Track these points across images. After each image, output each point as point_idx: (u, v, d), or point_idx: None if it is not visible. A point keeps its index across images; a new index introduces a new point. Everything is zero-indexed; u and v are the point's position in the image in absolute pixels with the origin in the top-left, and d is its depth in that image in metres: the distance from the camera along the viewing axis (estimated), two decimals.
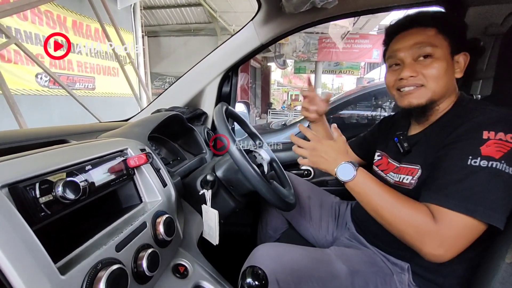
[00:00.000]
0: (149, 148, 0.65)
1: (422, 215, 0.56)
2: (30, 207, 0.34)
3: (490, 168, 0.52)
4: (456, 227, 0.53)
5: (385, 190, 0.62)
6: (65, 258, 0.36)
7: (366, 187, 0.63)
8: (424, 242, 0.55)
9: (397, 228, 0.59)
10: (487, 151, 0.53)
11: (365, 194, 0.64)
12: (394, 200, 0.60)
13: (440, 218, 0.54)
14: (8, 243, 0.30)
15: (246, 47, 1.15)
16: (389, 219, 0.60)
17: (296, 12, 0.94)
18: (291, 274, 0.65)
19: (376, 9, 1.03)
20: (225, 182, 0.82)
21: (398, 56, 0.69)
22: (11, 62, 3.42)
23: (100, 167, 0.47)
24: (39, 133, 0.66)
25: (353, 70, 11.21)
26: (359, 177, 0.64)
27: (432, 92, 0.65)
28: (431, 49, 0.64)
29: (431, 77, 0.64)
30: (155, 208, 0.54)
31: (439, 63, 0.64)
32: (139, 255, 0.44)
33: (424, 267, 0.68)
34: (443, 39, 0.65)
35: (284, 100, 19.98)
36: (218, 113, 0.75)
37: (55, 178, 0.38)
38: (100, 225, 0.45)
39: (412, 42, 0.66)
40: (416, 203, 0.59)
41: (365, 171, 0.65)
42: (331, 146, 0.69)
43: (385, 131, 0.90)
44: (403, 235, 0.58)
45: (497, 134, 0.54)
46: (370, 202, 0.63)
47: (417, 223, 0.56)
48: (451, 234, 0.53)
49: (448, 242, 0.53)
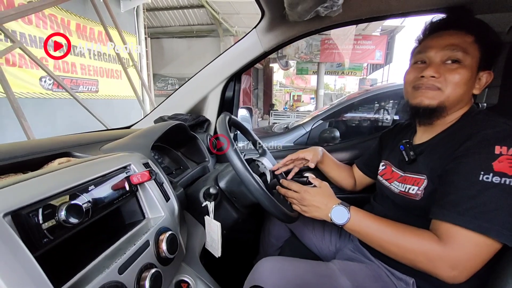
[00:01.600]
0: (152, 162, 0.64)
1: (427, 241, 0.56)
2: (33, 234, 0.33)
3: (504, 185, 0.51)
4: (468, 246, 0.52)
5: (384, 223, 0.63)
6: (67, 283, 0.35)
7: (363, 224, 0.64)
8: (436, 266, 0.55)
9: (407, 258, 0.59)
10: (499, 167, 0.52)
11: (365, 232, 0.64)
12: (395, 231, 0.61)
13: (451, 236, 0.54)
14: (9, 271, 0.30)
15: (249, 55, 1.15)
16: (395, 251, 0.60)
17: (300, 20, 0.94)
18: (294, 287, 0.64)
19: (380, 17, 1.02)
20: (228, 193, 0.82)
21: (427, 54, 0.67)
22: (15, 65, 3.45)
23: (103, 185, 0.47)
24: (43, 146, 0.65)
25: (356, 71, 11.16)
26: (354, 216, 0.65)
27: (446, 97, 0.64)
28: (462, 55, 0.62)
29: (451, 82, 0.63)
30: (158, 224, 0.54)
31: (464, 71, 0.63)
32: (142, 275, 0.44)
33: (429, 282, 0.66)
34: (477, 50, 0.63)
35: (287, 101, 19.97)
36: (221, 125, 0.74)
37: (58, 202, 0.37)
38: (103, 244, 0.45)
39: (446, 43, 0.65)
40: (418, 229, 0.59)
41: (358, 209, 0.67)
42: (319, 193, 0.72)
43: (388, 143, 0.89)
44: (414, 263, 0.58)
45: (510, 149, 0.52)
46: (372, 238, 0.64)
47: (424, 249, 0.56)
48: (462, 254, 0.53)
49: (461, 263, 0.53)
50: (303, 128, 2.51)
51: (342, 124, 2.77)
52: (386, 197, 0.78)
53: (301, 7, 0.81)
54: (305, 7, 0.81)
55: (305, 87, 21.14)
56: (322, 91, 10.56)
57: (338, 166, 1.04)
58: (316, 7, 0.81)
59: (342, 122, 2.78)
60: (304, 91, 21.38)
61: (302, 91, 21.44)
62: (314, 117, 2.59)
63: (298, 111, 12.67)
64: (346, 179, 1.03)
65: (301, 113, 10.30)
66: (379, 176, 0.85)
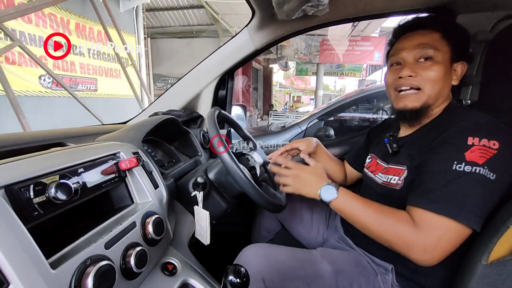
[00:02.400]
0: (142, 151, 0.68)
1: (404, 225, 0.59)
2: (24, 207, 0.37)
3: (474, 174, 0.54)
4: (439, 231, 0.55)
5: (368, 205, 0.66)
6: (56, 254, 0.39)
7: (348, 204, 0.67)
8: (410, 250, 0.58)
9: (384, 239, 0.62)
10: (471, 157, 0.55)
11: (349, 211, 0.67)
12: (377, 213, 0.64)
13: (424, 222, 0.57)
14: (4, 239, 0.33)
15: (241, 52, 1.18)
16: (375, 231, 0.63)
17: (288, 19, 0.97)
18: (277, 273, 0.67)
19: (366, 16, 1.06)
20: (216, 184, 0.85)
21: (400, 55, 0.71)
22: (15, 64, 3.49)
23: (93, 170, 0.50)
24: (38, 136, 0.69)
25: (355, 72, 11.21)
26: (341, 196, 0.68)
27: (427, 96, 0.68)
28: (433, 52, 0.66)
29: (428, 79, 0.67)
30: (145, 208, 0.57)
31: (438, 67, 0.66)
32: (128, 252, 0.47)
33: (406, 268, 0.70)
34: (446, 45, 0.67)
35: (286, 102, 19.99)
36: (209, 117, 0.77)
37: (48, 180, 0.41)
38: (91, 224, 0.48)
39: (416, 43, 0.69)
40: (397, 212, 0.62)
41: (346, 190, 0.70)
42: (311, 172, 0.74)
43: (374, 138, 0.92)
44: (391, 245, 0.61)
45: (481, 140, 0.56)
46: (355, 218, 0.67)
47: (400, 232, 0.59)
48: (434, 238, 0.56)
49: (432, 247, 0.56)
50: (298, 127, 2.55)
51: (337, 122, 2.80)
52: (370, 188, 0.82)
53: (288, 6, 0.84)
54: (291, 6, 0.84)
55: (304, 88, 21.20)
56: (321, 92, 10.61)
57: (331, 159, 1.07)
58: (302, 6, 0.84)
59: (337, 121, 2.82)
60: (304, 92, 21.43)
61: (302, 92, 21.48)
62: (310, 116, 2.63)
63: (297, 111, 12.69)
64: (338, 173, 1.06)
65: (301, 113, 10.31)
66: (365, 168, 0.88)
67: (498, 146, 0.55)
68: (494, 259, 0.55)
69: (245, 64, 1.28)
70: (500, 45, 0.76)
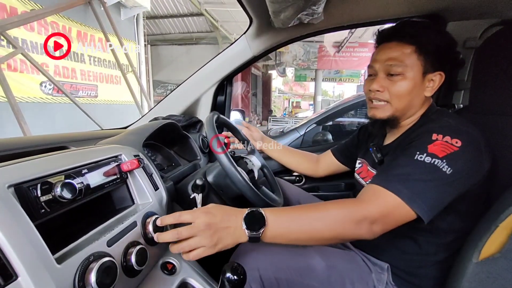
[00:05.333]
0: (142, 154, 0.70)
1: (349, 206, 0.59)
2: (32, 204, 0.39)
3: (432, 164, 0.57)
4: (385, 204, 0.57)
5: (301, 209, 0.61)
6: (61, 250, 0.41)
7: (282, 219, 0.58)
8: (361, 227, 0.56)
9: (337, 232, 0.58)
10: (433, 150, 0.59)
11: (287, 227, 0.58)
12: (314, 210, 0.59)
13: (374, 196, 0.59)
14: (13, 235, 0.35)
15: (239, 59, 1.22)
16: (324, 230, 0.58)
17: (285, 27, 1.01)
18: (270, 264, 0.68)
19: (360, 24, 1.10)
20: (215, 186, 0.87)
21: (374, 68, 0.74)
22: (17, 71, 3.53)
23: (96, 171, 0.52)
24: (42, 140, 0.71)
25: (353, 78, 11.32)
26: (269, 214, 0.56)
27: (394, 109, 0.72)
28: (402, 68, 0.68)
29: (395, 94, 0.70)
30: (145, 209, 0.59)
31: (406, 83, 0.69)
32: (129, 250, 0.49)
33: (401, 269, 0.71)
34: (417, 59, 0.68)
35: (285, 107, 20.10)
36: (208, 120, 0.80)
37: (54, 180, 0.43)
38: (94, 223, 0.50)
39: (387, 57, 0.70)
40: (335, 201, 0.61)
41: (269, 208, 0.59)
42: (217, 209, 0.56)
43: (363, 140, 0.95)
44: (343, 235, 0.58)
45: (445, 137, 0.59)
46: (298, 230, 0.58)
47: (348, 215, 0.57)
48: (380, 210, 0.57)
49: (378, 218, 0.57)
50: (297, 132, 2.58)
51: (335, 127, 2.83)
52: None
53: (284, 14, 0.88)
54: (287, 15, 0.88)
55: (303, 93, 21.33)
56: (320, 97, 10.70)
57: (290, 151, 1.11)
58: (298, 15, 0.88)
59: (335, 125, 2.85)
60: (303, 97, 21.57)
61: (301, 97, 21.62)
62: (308, 121, 2.66)
63: (297, 117, 12.75)
64: (303, 164, 1.11)
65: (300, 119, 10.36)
66: (356, 173, 0.91)
67: (461, 144, 0.58)
68: (484, 257, 0.57)
69: (243, 70, 1.32)
70: (488, 50, 0.79)
